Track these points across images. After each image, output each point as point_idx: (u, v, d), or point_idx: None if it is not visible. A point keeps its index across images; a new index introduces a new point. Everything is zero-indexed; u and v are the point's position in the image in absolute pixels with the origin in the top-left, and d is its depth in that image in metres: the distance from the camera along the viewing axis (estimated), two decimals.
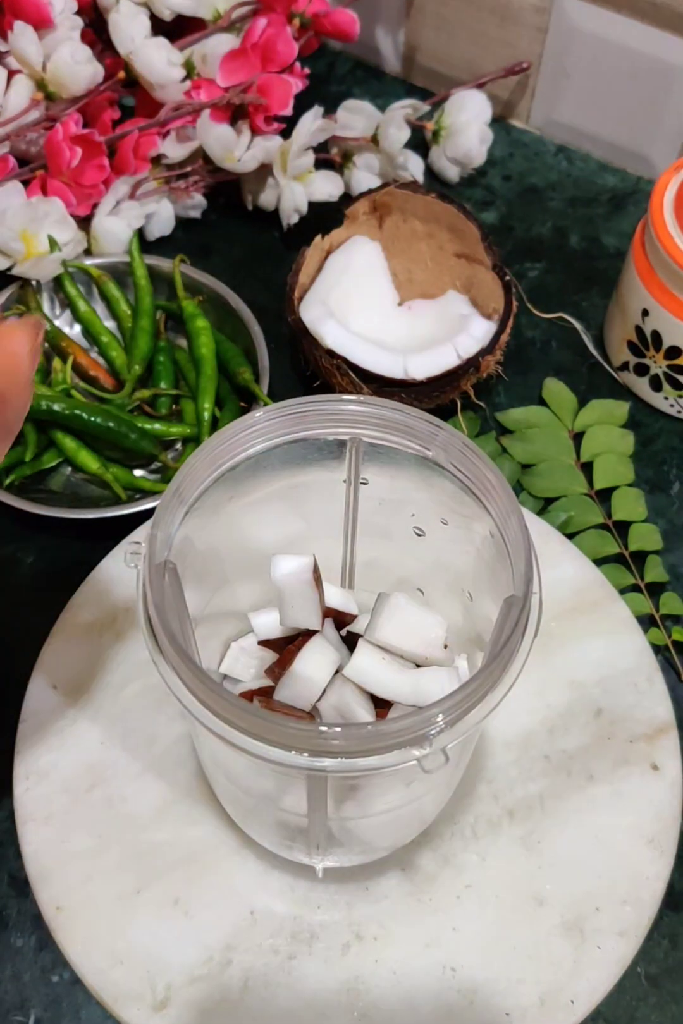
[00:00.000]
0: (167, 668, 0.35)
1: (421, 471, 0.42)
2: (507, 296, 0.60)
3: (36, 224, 0.61)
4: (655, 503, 0.60)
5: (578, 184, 0.76)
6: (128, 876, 0.45)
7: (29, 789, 0.47)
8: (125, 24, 0.65)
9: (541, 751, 0.49)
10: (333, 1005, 0.42)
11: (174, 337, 0.65)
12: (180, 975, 0.43)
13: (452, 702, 0.33)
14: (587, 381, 0.65)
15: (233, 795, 0.44)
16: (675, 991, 0.45)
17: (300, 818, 0.41)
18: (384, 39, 0.81)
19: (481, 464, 0.40)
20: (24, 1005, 0.44)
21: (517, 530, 0.38)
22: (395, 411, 0.41)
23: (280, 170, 0.67)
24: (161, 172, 0.69)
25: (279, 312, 0.63)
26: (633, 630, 0.52)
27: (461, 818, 0.47)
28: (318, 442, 0.42)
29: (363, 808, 0.41)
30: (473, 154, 0.73)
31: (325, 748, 0.33)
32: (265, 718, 0.33)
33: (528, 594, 0.36)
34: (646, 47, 0.70)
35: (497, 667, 0.35)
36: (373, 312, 0.64)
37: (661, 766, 0.48)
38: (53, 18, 0.64)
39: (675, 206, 0.58)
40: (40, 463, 0.58)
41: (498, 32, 0.75)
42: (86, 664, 0.50)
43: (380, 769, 0.33)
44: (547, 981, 0.43)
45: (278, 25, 0.67)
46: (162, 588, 0.36)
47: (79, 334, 0.65)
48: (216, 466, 0.40)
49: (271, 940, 0.44)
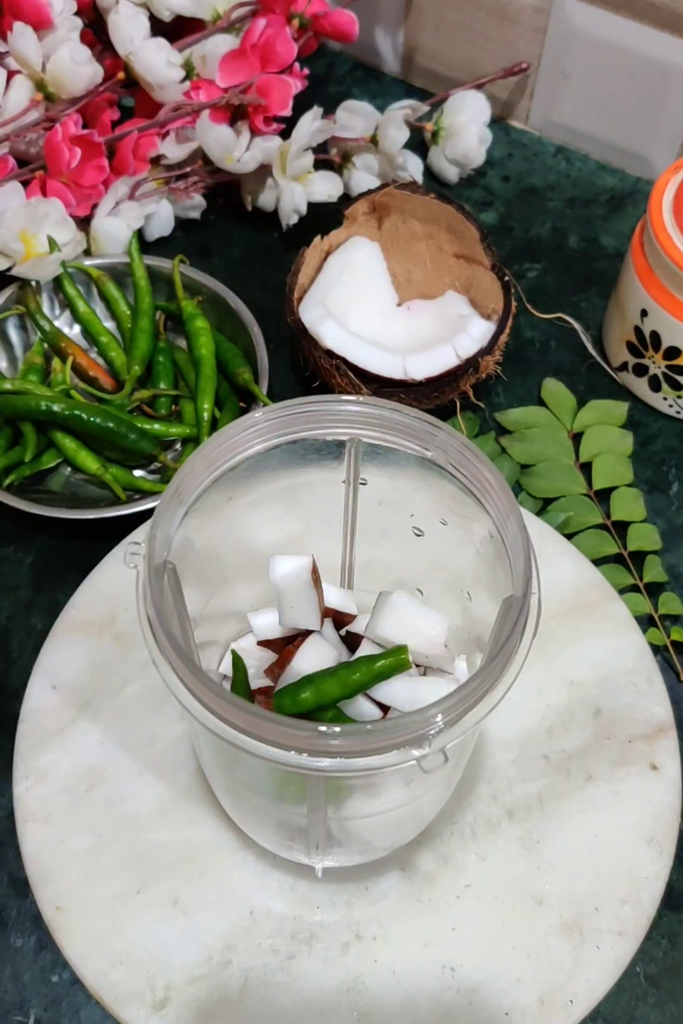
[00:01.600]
0: (167, 668, 0.35)
1: (420, 471, 0.42)
2: (506, 296, 0.60)
3: (35, 225, 0.61)
4: (654, 503, 0.60)
5: (577, 185, 0.76)
6: (128, 876, 0.45)
7: (29, 789, 0.47)
8: (124, 25, 0.65)
9: (540, 751, 0.49)
10: (332, 1005, 0.42)
11: (173, 337, 0.65)
12: (180, 975, 0.43)
13: (451, 702, 0.34)
14: (586, 381, 0.65)
15: (233, 795, 0.44)
16: (674, 990, 0.45)
17: (299, 818, 0.41)
18: (383, 40, 0.81)
19: (480, 464, 0.40)
20: (24, 1005, 0.44)
21: (516, 530, 0.38)
22: (394, 411, 0.41)
23: (279, 171, 0.67)
24: (160, 173, 0.69)
25: (278, 313, 0.63)
26: (632, 630, 0.52)
27: (460, 818, 0.47)
28: (317, 443, 0.42)
29: (362, 808, 0.41)
30: (472, 155, 0.73)
31: (324, 748, 0.33)
32: (264, 718, 0.33)
33: (527, 594, 0.36)
34: (645, 48, 0.70)
35: (496, 667, 0.35)
36: (372, 313, 0.64)
37: (660, 766, 0.48)
38: (53, 19, 0.64)
39: (674, 207, 0.58)
40: (39, 463, 0.58)
41: (497, 33, 0.75)
42: (86, 664, 0.50)
43: (379, 769, 0.33)
44: (546, 981, 0.43)
45: (277, 26, 0.68)
46: (161, 588, 0.36)
47: (78, 334, 0.65)
48: (215, 467, 0.40)
49: (271, 940, 0.44)
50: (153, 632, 0.36)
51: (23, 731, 0.49)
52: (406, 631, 0.42)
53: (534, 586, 0.37)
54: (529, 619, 0.36)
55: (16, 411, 0.57)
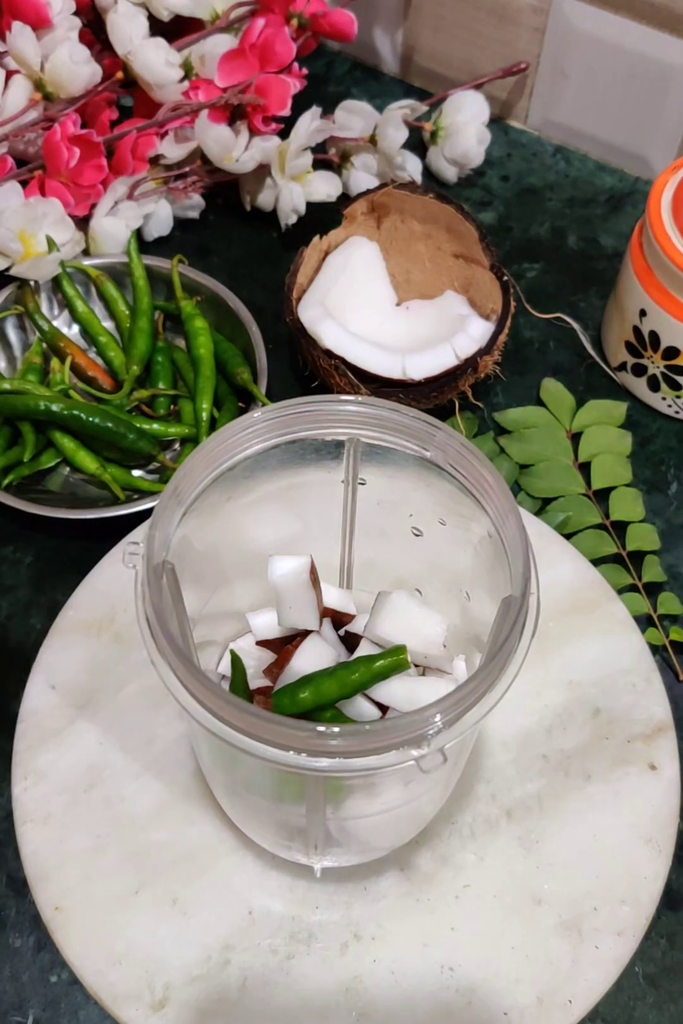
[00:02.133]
0: (166, 668, 0.35)
1: (419, 471, 0.42)
2: (505, 296, 0.60)
3: (34, 224, 0.61)
4: (653, 503, 0.60)
5: (576, 184, 0.76)
6: (126, 876, 0.45)
7: (28, 789, 0.47)
8: (123, 24, 0.65)
9: (539, 751, 0.49)
10: (331, 1005, 0.42)
11: (172, 337, 0.65)
12: (178, 975, 0.43)
13: (450, 702, 0.34)
14: (585, 381, 0.65)
15: (232, 795, 0.44)
16: (673, 990, 0.45)
17: (298, 818, 0.41)
18: (382, 39, 0.81)
19: (479, 464, 0.40)
20: (22, 1005, 0.44)
21: (515, 530, 0.38)
22: (393, 411, 0.41)
23: (278, 170, 0.67)
24: (159, 172, 0.69)
25: (277, 312, 0.63)
26: (631, 630, 0.52)
27: (459, 818, 0.47)
28: (316, 443, 0.42)
29: (361, 808, 0.41)
30: (471, 154, 0.73)
31: (323, 748, 0.33)
32: (263, 718, 0.33)
33: (526, 594, 0.36)
34: (644, 48, 0.70)
35: (495, 667, 0.35)
36: (371, 312, 0.64)
37: (659, 766, 0.48)
38: (51, 18, 0.64)
39: (673, 207, 0.58)
40: (38, 463, 0.58)
41: (496, 33, 0.75)
42: (84, 664, 0.50)
43: (378, 769, 0.33)
44: (545, 981, 0.43)
45: (276, 25, 0.68)
46: (160, 588, 0.36)
47: (77, 334, 0.65)
48: (214, 466, 0.40)
49: (269, 940, 0.44)
50: (152, 632, 0.36)
51: (22, 731, 0.49)
52: (405, 631, 0.42)
53: (533, 586, 0.37)
54: (528, 619, 0.37)
55: (15, 411, 0.57)
